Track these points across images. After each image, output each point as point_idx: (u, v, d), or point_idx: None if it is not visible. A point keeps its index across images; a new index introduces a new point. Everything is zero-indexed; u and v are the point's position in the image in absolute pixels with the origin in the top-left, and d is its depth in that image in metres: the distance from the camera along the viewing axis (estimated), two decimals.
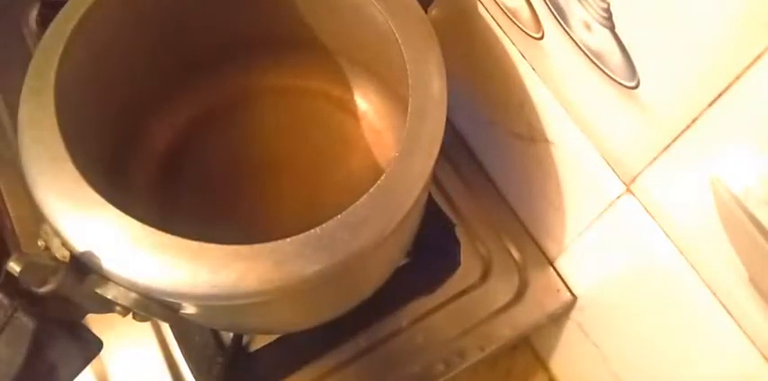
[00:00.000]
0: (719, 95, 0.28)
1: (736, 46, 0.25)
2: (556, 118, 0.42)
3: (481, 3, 0.43)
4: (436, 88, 0.37)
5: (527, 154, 0.49)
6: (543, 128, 0.44)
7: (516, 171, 0.53)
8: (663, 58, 0.29)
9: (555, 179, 0.46)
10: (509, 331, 0.52)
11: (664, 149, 0.33)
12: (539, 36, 0.38)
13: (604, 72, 0.34)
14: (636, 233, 0.40)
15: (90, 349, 0.33)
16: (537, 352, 0.70)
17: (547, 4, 0.35)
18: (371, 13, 0.39)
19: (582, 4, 0.32)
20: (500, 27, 0.43)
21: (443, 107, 0.36)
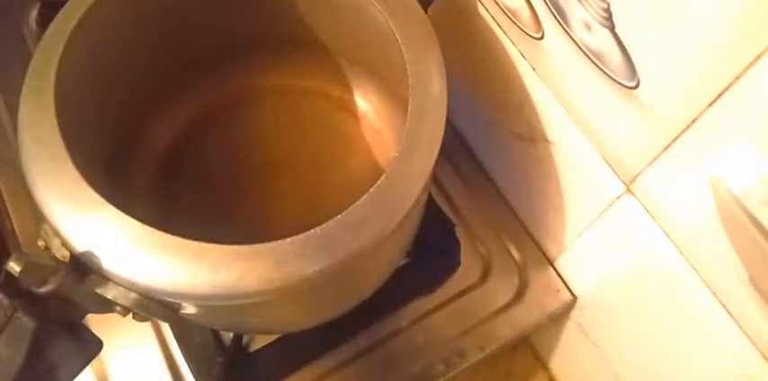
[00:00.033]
0: (719, 95, 0.28)
1: (736, 46, 0.25)
2: (556, 118, 0.42)
3: (481, 3, 0.43)
4: (436, 88, 0.37)
5: (527, 154, 0.49)
6: (543, 128, 0.44)
7: (516, 171, 0.53)
8: (663, 58, 0.29)
9: (555, 179, 0.46)
10: (509, 331, 0.52)
11: (664, 149, 0.33)
12: (539, 36, 0.38)
13: (604, 72, 0.34)
14: (636, 233, 0.40)
15: (90, 349, 0.33)
16: (537, 352, 0.70)
17: (547, 4, 0.35)
18: (371, 13, 0.39)
19: (582, 4, 0.32)
20: (500, 27, 0.43)
21: (443, 107, 0.36)
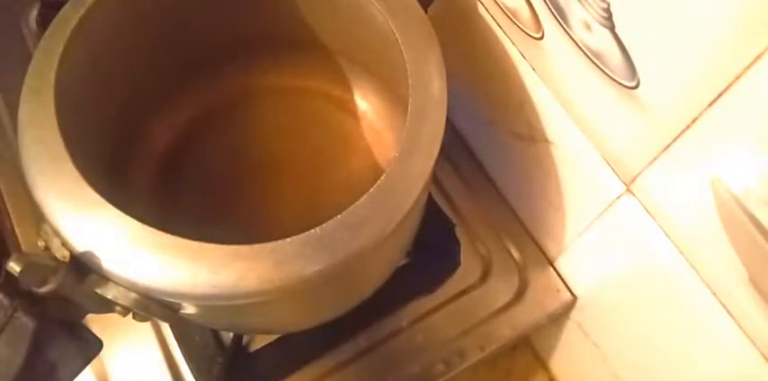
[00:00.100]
0: (719, 95, 0.28)
1: (736, 46, 0.25)
2: (556, 118, 0.42)
3: (481, 3, 0.43)
4: (436, 88, 0.37)
5: (527, 154, 0.49)
6: (543, 128, 0.44)
7: (516, 171, 0.53)
8: (663, 58, 0.29)
9: (555, 179, 0.46)
10: (509, 331, 0.52)
11: (664, 149, 0.33)
12: (539, 36, 0.38)
13: (604, 72, 0.34)
14: (636, 233, 0.40)
15: (90, 349, 0.33)
16: (537, 352, 0.70)
17: (547, 4, 0.35)
18: (371, 13, 0.39)
19: (582, 4, 0.32)
20: (500, 27, 0.43)
21: (443, 107, 0.36)
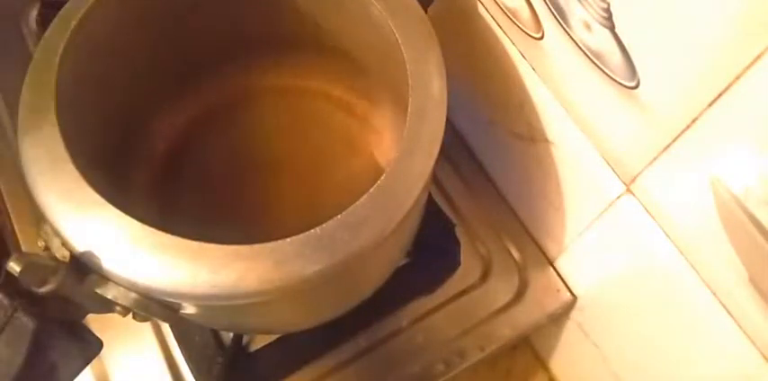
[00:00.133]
0: (719, 95, 0.28)
1: (736, 46, 0.25)
2: (556, 118, 0.42)
3: (481, 3, 0.43)
4: (436, 88, 0.37)
5: (527, 154, 0.49)
6: (543, 128, 0.44)
7: (516, 171, 0.53)
8: (663, 58, 0.29)
9: (555, 179, 0.46)
10: (509, 331, 0.52)
11: (664, 149, 0.33)
12: (539, 36, 0.38)
13: (604, 72, 0.34)
14: (636, 233, 0.40)
15: (90, 349, 0.33)
16: (537, 352, 0.70)
17: (547, 4, 0.35)
18: (371, 13, 0.39)
19: (582, 4, 0.32)
20: (500, 27, 0.43)
21: (443, 107, 0.36)
